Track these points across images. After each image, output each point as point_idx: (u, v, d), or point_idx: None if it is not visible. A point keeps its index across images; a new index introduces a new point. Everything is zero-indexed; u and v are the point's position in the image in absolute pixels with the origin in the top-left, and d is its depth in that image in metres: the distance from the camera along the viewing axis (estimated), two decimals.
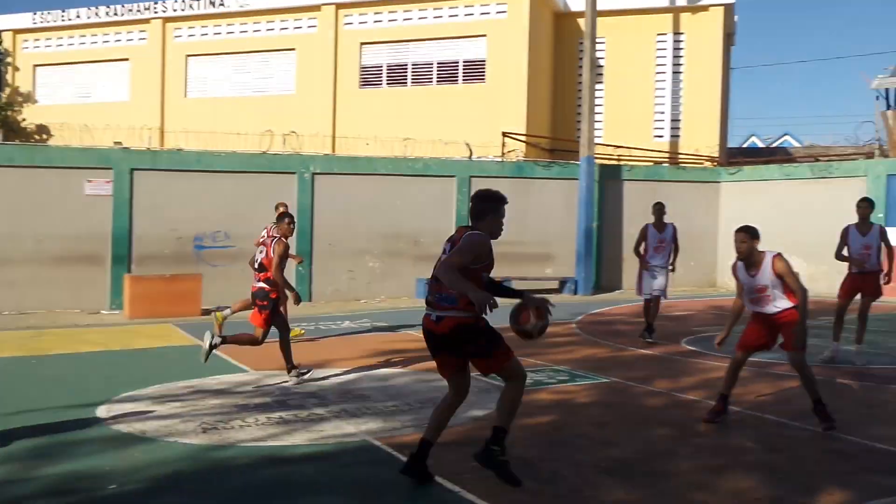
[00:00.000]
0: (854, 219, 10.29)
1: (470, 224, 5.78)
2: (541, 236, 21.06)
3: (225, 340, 8.60)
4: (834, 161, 22.01)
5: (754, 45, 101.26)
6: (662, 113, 25.02)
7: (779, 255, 7.06)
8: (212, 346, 8.40)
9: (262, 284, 8.87)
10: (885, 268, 10.22)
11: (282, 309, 9.31)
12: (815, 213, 20.95)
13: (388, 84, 25.27)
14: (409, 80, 24.99)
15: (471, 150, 21.13)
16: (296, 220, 9.95)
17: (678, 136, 24.77)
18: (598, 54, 24.03)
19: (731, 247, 20.57)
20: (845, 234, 10.31)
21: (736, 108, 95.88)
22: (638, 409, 7.67)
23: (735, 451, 6.13)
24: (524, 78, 23.40)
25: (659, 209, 12.51)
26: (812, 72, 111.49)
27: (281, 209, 11.63)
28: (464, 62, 24.34)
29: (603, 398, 8.17)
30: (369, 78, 25.52)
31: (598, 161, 21.67)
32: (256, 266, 9.07)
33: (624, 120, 24.65)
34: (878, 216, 20.07)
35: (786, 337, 7.05)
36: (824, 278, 20.44)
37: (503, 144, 22.30)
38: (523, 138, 22.95)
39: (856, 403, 7.91)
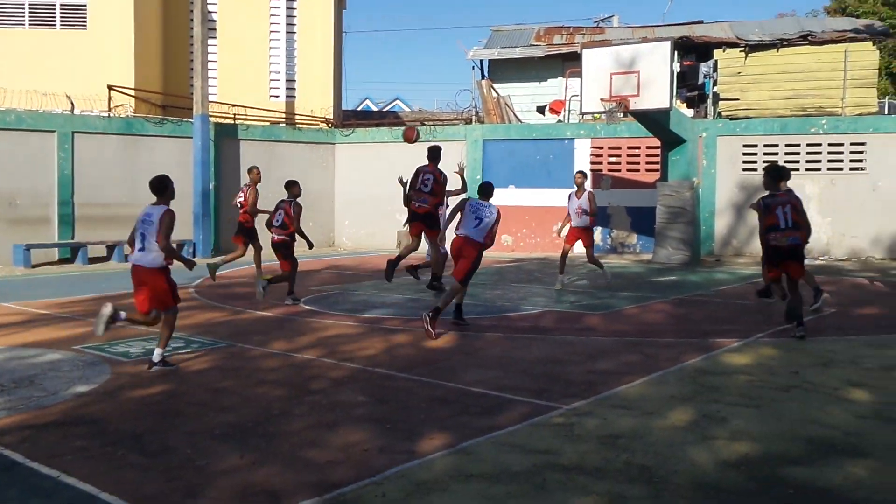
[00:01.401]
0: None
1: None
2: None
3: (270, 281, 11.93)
4: (438, 125, 23.55)
5: (367, 11, 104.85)
6: (278, 73, 24.94)
7: None
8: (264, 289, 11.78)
9: (284, 237, 11.94)
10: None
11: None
12: None
13: None
14: None
15: (72, 104, 19.52)
16: None
17: (294, 96, 24.89)
18: (210, 9, 23.33)
19: (346, 206, 21.21)
20: (570, 198, 13.68)
21: (351, 71, 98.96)
22: (254, 371, 7.64)
23: (347, 406, 6.34)
24: (131, 27, 21.95)
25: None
26: (419, 40, 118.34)
27: (255, 172, 14.37)
28: (61, 5, 22.16)
29: (219, 363, 8.02)
30: None
31: (213, 119, 21.17)
32: (278, 224, 11.95)
33: (239, 78, 24.21)
34: (476, 178, 21.91)
35: None
36: None
37: (109, 98, 20.86)
38: (132, 93, 21.64)
39: (456, 351, 8.57)
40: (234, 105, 22.61)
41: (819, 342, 8.88)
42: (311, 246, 12.78)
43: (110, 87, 20.95)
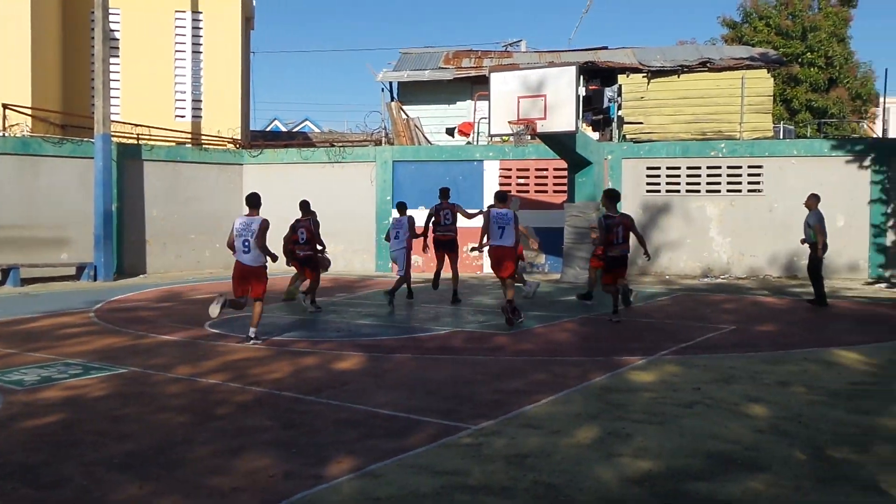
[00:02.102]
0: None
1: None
2: (54, 219, 19.51)
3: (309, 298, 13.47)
4: (347, 147, 23.48)
5: (275, 30, 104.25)
6: (183, 93, 24.43)
7: None
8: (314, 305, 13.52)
9: (309, 252, 13.44)
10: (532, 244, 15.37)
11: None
12: (332, 195, 22.21)
13: None
14: None
15: None
16: None
17: (200, 117, 24.43)
18: (113, 27, 22.80)
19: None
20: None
21: (260, 92, 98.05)
22: (156, 398, 7.43)
23: (253, 432, 6.22)
24: (27, 44, 21.20)
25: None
26: (329, 61, 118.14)
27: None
28: None
29: (120, 390, 7.77)
30: None
31: (115, 140, 20.63)
32: (303, 242, 13.42)
33: (143, 98, 23.63)
34: (386, 199, 21.92)
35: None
36: (342, 257, 21.82)
37: (4, 118, 20.12)
38: (29, 112, 20.91)
39: (364, 373, 8.50)
40: (137, 125, 22.08)
41: (720, 359, 9.13)
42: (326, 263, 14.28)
43: (5, 106, 20.22)
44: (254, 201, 10.78)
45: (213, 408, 7.02)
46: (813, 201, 14.40)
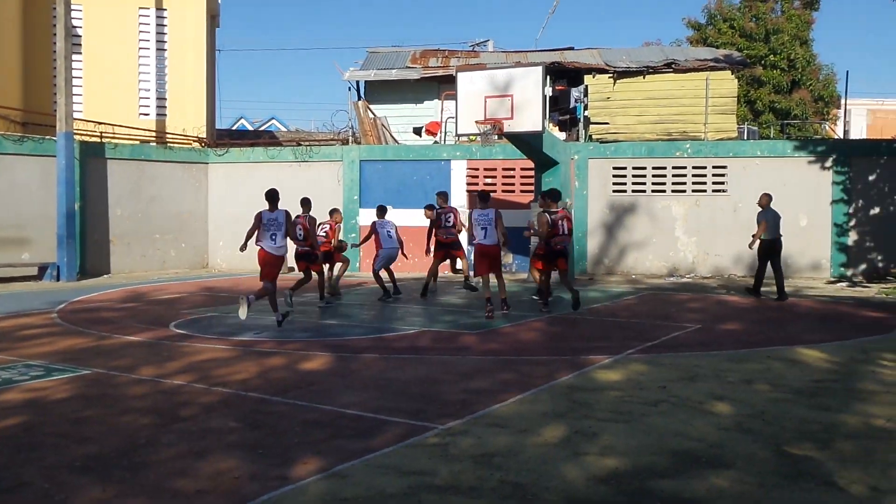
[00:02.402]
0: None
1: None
2: (14, 218, 19.19)
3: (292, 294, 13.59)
4: (314, 146, 23.36)
5: (241, 28, 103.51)
6: (148, 90, 24.15)
7: None
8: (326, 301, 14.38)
9: (306, 248, 13.64)
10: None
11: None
12: (299, 195, 21.97)
13: None
14: None
15: None
16: None
17: (165, 115, 24.17)
18: (75, 23, 22.49)
19: (220, 227, 20.76)
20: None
21: (226, 90, 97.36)
22: (119, 399, 7.33)
23: (218, 433, 6.16)
24: None
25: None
26: (296, 60, 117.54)
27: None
28: None
29: (82, 391, 7.66)
30: None
31: (78, 137, 20.33)
32: (301, 238, 13.36)
33: (107, 95, 23.33)
34: (353, 198, 21.84)
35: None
36: None
37: None
38: None
39: (331, 373, 8.46)
40: (100, 123, 21.81)
41: (685, 357, 9.21)
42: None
43: None
44: (274, 197, 11.92)
45: (178, 409, 6.95)
46: (765, 199, 15.03)
